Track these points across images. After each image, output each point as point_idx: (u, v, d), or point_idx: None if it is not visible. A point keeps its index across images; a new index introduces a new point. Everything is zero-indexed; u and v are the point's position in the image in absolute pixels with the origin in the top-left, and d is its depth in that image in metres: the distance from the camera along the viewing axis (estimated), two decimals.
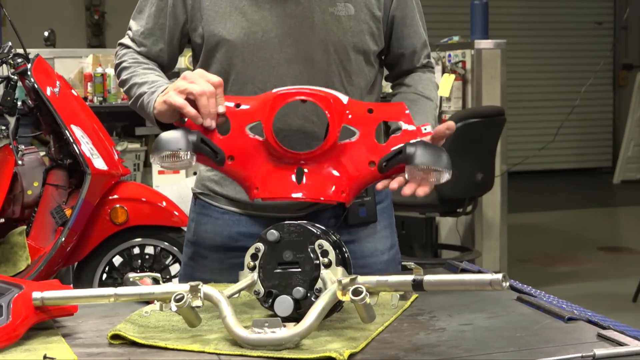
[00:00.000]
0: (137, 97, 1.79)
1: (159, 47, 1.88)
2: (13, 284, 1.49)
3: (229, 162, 1.62)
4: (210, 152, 1.60)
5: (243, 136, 1.63)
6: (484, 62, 5.53)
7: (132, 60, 1.87)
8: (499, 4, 9.76)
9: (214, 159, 1.61)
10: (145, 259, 4.08)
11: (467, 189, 4.79)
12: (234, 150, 1.63)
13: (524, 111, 10.86)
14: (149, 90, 1.76)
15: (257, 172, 1.62)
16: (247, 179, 1.63)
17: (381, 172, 1.60)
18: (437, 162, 1.56)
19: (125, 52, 1.90)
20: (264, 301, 1.50)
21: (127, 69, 1.86)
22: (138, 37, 1.89)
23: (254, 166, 1.63)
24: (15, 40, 3.99)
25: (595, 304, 4.31)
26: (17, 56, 3.90)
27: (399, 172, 1.59)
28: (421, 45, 1.94)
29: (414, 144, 1.58)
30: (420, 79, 1.94)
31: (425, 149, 1.57)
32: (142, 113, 1.80)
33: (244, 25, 1.80)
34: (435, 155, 1.57)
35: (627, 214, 8.86)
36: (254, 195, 1.62)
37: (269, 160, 1.62)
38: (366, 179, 1.62)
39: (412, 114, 1.75)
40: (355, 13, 1.82)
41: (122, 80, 1.87)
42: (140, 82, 1.80)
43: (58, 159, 3.94)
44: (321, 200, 1.61)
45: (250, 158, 1.63)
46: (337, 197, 1.60)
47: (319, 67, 1.81)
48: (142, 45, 1.89)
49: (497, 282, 1.31)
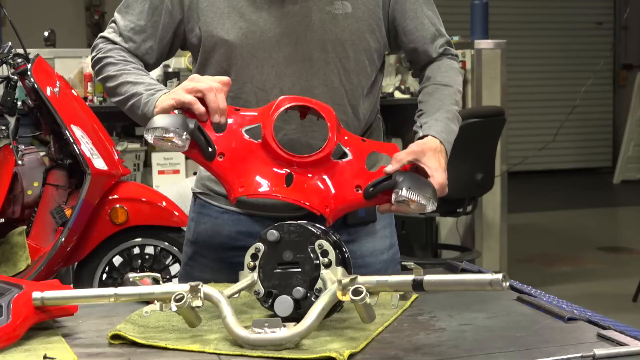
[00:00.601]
0: (131, 96, 1.77)
1: (148, 45, 1.86)
2: (13, 284, 1.49)
3: (218, 159, 1.63)
4: (204, 142, 1.61)
5: (238, 136, 1.64)
6: (484, 62, 5.53)
7: (120, 58, 1.84)
8: (499, 4, 9.75)
9: (205, 152, 1.61)
10: (145, 259, 4.08)
11: (467, 189, 4.79)
12: (226, 148, 1.63)
13: (524, 111, 10.85)
14: (147, 91, 1.75)
15: (244, 173, 1.62)
16: (232, 179, 1.63)
17: (367, 198, 1.63)
18: (424, 192, 1.59)
19: (112, 47, 1.86)
20: (264, 301, 1.50)
21: (115, 64, 1.82)
22: (127, 32, 1.86)
23: (243, 167, 1.63)
24: (15, 40, 3.98)
25: (595, 304, 4.30)
26: (17, 56, 3.90)
27: (383, 200, 1.63)
28: (432, 36, 1.91)
29: (403, 173, 1.62)
30: (439, 68, 1.92)
31: (412, 178, 1.61)
32: (132, 113, 1.78)
33: (242, 26, 1.80)
34: (423, 185, 1.60)
35: (627, 214, 8.86)
36: (237, 193, 1.62)
37: (260, 163, 1.63)
38: (349, 202, 1.65)
39: (426, 108, 1.82)
40: (352, 11, 1.82)
41: (109, 75, 1.82)
42: (134, 81, 1.79)
43: (58, 159, 3.94)
44: (305, 205, 1.61)
45: (241, 159, 1.63)
46: (321, 208, 1.61)
47: (318, 66, 1.81)
48: (130, 41, 1.86)
49: (497, 282, 1.31)
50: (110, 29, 1.89)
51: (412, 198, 1.57)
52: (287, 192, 1.60)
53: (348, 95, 1.84)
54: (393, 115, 5.77)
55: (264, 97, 1.81)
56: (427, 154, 1.66)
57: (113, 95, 1.82)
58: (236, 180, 1.63)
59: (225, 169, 1.63)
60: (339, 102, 1.82)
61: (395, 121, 5.88)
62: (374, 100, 1.93)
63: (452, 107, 1.83)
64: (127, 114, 1.81)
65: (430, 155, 1.66)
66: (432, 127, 1.76)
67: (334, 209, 1.63)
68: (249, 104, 1.81)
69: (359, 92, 1.86)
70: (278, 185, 1.61)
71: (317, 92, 1.81)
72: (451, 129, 1.79)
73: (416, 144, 1.70)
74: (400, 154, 1.66)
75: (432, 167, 1.65)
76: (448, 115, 1.80)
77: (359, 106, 1.87)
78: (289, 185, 1.61)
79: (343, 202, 1.63)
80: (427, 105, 1.84)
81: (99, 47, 1.88)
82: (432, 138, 1.72)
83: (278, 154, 1.62)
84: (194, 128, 1.59)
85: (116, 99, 1.81)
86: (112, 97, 1.83)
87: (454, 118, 1.82)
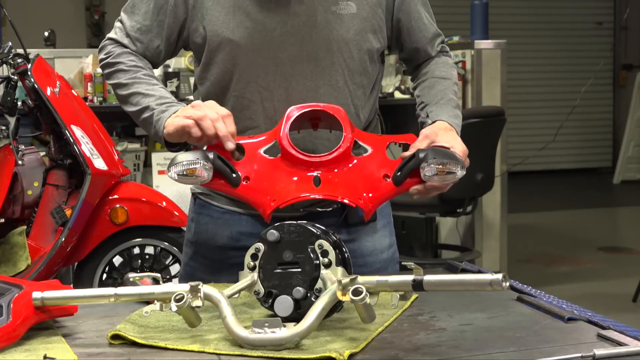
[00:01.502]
0: (143, 110, 1.78)
1: (155, 45, 1.87)
2: (13, 284, 1.49)
3: (244, 184, 1.65)
4: (227, 170, 1.64)
5: (258, 158, 1.67)
6: (484, 62, 5.53)
7: (131, 64, 1.84)
8: (499, 4, 9.75)
9: (230, 178, 1.64)
10: (145, 259, 4.08)
11: (467, 189, 4.79)
12: (249, 172, 1.66)
13: (524, 111, 10.85)
14: (159, 107, 1.76)
15: (272, 189, 1.64)
16: (262, 198, 1.65)
17: (397, 184, 1.65)
18: (451, 159, 1.61)
19: (121, 52, 1.86)
20: (264, 301, 1.50)
21: (126, 72, 1.84)
22: (134, 33, 1.86)
23: (269, 184, 1.65)
24: (15, 40, 3.98)
25: (595, 304, 4.31)
26: (17, 56, 3.90)
27: (413, 183, 1.64)
28: (432, 35, 1.96)
29: (424, 150, 1.63)
30: (436, 63, 1.96)
31: (435, 150, 1.63)
32: (144, 126, 1.80)
33: (248, 25, 1.80)
34: (447, 153, 1.63)
35: (627, 214, 8.86)
36: (270, 208, 1.64)
37: (285, 175, 1.65)
38: (382, 192, 1.66)
39: (429, 99, 1.85)
40: (357, 11, 1.82)
41: (121, 83, 1.84)
42: (145, 92, 1.80)
43: (58, 159, 3.94)
44: (340, 199, 1.62)
45: (266, 178, 1.65)
46: (356, 200, 1.62)
47: (323, 66, 1.82)
48: (138, 41, 1.86)
49: (497, 282, 1.31)
50: (118, 29, 1.89)
51: (441, 168, 1.59)
52: (318, 191, 1.61)
53: (352, 95, 1.85)
54: (393, 115, 5.77)
55: (268, 96, 1.81)
56: (439, 134, 1.71)
57: (124, 104, 1.84)
58: (265, 198, 1.64)
59: (253, 191, 1.66)
60: (343, 102, 1.83)
61: (395, 121, 5.88)
62: (373, 99, 1.94)
63: (452, 97, 1.89)
64: (140, 125, 1.83)
65: (442, 133, 1.72)
66: (439, 113, 1.81)
67: (369, 200, 1.64)
68: (253, 104, 1.82)
69: (361, 92, 1.87)
70: (308, 188, 1.62)
71: (322, 92, 1.81)
72: (457, 114, 1.84)
73: (427, 129, 1.74)
74: (416, 142, 1.70)
75: (449, 141, 1.69)
76: (451, 103, 1.86)
77: (361, 106, 1.87)
78: (317, 186, 1.62)
79: (375, 193, 1.65)
80: (428, 97, 1.88)
81: (107, 50, 1.89)
82: (441, 122, 1.78)
83: (300, 159, 1.63)
84: (214, 158, 1.62)
85: (128, 109, 1.83)
86: (123, 105, 1.84)
87: (457, 106, 1.87)
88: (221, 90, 1.85)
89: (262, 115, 1.82)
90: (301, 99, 1.78)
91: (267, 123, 1.79)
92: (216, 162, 1.63)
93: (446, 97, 1.87)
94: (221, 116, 1.65)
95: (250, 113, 1.83)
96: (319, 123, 1.74)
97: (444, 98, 1.86)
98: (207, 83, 1.87)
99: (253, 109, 1.83)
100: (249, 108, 1.83)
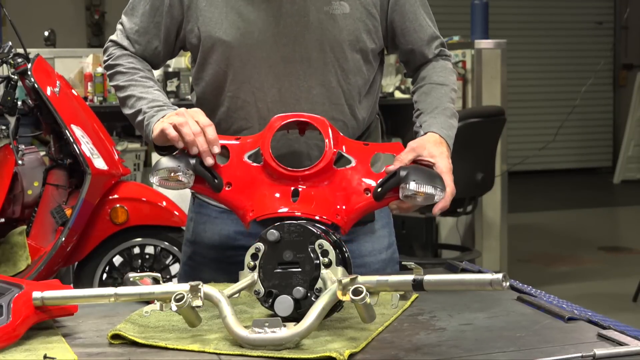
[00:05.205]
0: (136, 113, 1.80)
1: (154, 46, 1.88)
2: (13, 284, 1.49)
3: (226, 189, 1.65)
4: (209, 176, 1.64)
5: (241, 164, 1.66)
6: (484, 62, 5.53)
7: (129, 66, 1.86)
8: (499, 4, 9.75)
9: (212, 184, 1.64)
10: (145, 259, 4.08)
11: (467, 189, 4.79)
12: (232, 177, 1.66)
13: (524, 111, 10.85)
14: (150, 110, 1.77)
15: (252, 197, 1.64)
16: (242, 205, 1.64)
17: (377, 199, 1.63)
18: (430, 182, 1.60)
19: (121, 54, 1.88)
20: (264, 301, 1.50)
21: (124, 74, 1.85)
22: (133, 35, 1.88)
23: (251, 192, 1.64)
24: (15, 40, 3.98)
25: (595, 304, 4.31)
26: (18, 56, 3.90)
27: (393, 199, 1.63)
28: (429, 38, 1.93)
29: (407, 167, 1.62)
30: (434, 68, 1.94)
31: (417, 170, 1.61)
32: (138, 129, 1.82)
33: (240, 26, 1.80)
34: (428, 174, 1.61)
35: (627, 214, 8.86)
36: (249, 218, 1.63)
37: (266, 185, 1.64)
38: (361, 207, 1.64)
39: (424, 107, 1.83)
40: (350, 11, 1.82)
41: (119, 85, 1.86)
42: (139, 95, 1.81)
43: (58, 158, 3.94)
44: (315, 217, 1.60)
45: (248, 184, 1.65)
46: (332, 217, 1.60)
47: (316, 66, 1.81)
48: (137, 43, 1.88)
49: (497, 282, 1.31)
50: (119, 31, 1.91)
51: (419, 190, 1.58)
52: (294, 207, 1.60)
53: (345, 95, 1.85)
54: (393, 115, 5.77)
55: (261, 96, 1.81)
56: (426, 147, 1.68)
57: (122, 106, 1.85)
58: (245, 206, 1.64)
59: (234, 198, 1.65)
60: (337, 102, 1.83)
61: (395, 121, 5.88)
62: (372, 100, 1.93)
63: (449, 105, 1.86)
64: (135, 128, 1.84)
65: (429, 146, 1.69)
66: (432, 124, 1.78)
67: (346, 216, 1.62)
68: (247, 104, 1.82)
69: (356, 92, 1.86)
70: (285, 202, 1.61)
71: (315, 92, 1.81)
72: (451, 124, 1.81)
73: (415, 141, 1.71)
74: (401, 154, 1.67)
75: (435, 156, 1.67)
76: (446, 113, 1.83)
77: (356, 106, 1.87)
78: (295, 200, 1.61)
79: (354, 207, 1.63)
80: (424, 104, 1.86)
81: (109, 52, 1.91)
82: (432, 134, 1.75)
83: (280, 172, 1.62)
84: (196, 163, 1.63)
85: (125, 111, 1.85)
86: (121, 107, 1.86)
87: (452, 115, 1.84)
88: (216, 90, 1.85)
89: (256, 115, 1.82)
90: (294, 100, 1.78)
91: (262, 123, 1.78)
92: (198, 168, 1.63)
93: (442, 106, 1.84)
94: (202, 126, 1.64)
95: (244, 113, 1.83)
96: (306, 128, 1.73)
97: (439, 107, 1.83)
98: (203, 83, 1.88)
99: (247, 109, 1.83)
100: (243, 108, 1.83)
